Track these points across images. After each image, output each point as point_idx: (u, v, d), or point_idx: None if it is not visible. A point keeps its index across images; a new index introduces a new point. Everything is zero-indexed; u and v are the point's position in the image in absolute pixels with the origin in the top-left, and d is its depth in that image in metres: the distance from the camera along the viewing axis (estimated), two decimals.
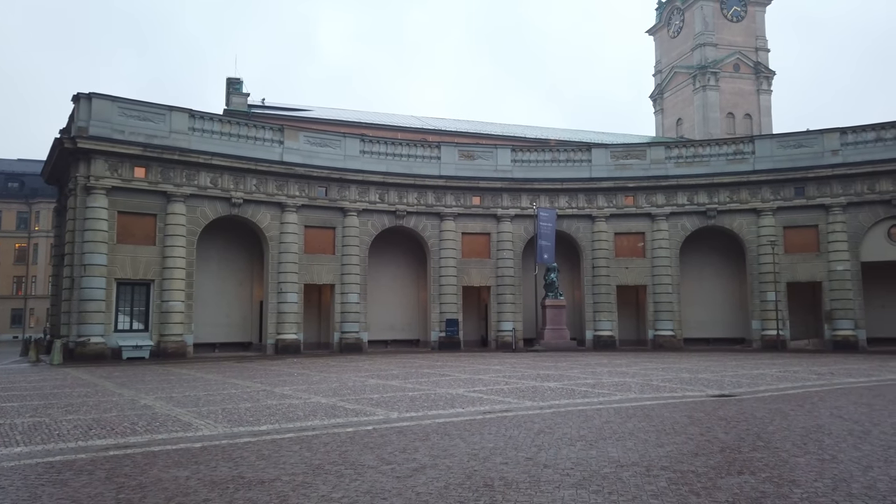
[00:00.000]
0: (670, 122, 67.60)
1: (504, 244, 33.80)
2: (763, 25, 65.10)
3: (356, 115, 48.33)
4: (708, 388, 14.85)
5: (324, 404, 12.16)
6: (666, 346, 32.62)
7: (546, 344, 32.04)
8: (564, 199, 34.40)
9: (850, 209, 31.07)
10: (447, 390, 14.35)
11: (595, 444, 8.24)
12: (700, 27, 63.37)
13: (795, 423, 9.94)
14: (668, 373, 18.75)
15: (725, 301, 34.97)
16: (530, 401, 12.55)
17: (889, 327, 31.63)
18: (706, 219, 33.44)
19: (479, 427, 9.59)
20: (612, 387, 15.04)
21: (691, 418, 10.46)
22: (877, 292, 31.47)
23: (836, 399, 12.96)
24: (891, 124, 31.42)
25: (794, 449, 8.05)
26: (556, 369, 20.15)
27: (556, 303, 32.98)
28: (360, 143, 32.73)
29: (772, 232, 32.15)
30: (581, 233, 34.48)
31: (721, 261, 35.01)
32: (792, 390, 14.45)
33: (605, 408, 11.61)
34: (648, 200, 34.05)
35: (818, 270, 31.53)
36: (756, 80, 63.51)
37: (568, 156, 35.19)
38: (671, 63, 67.66)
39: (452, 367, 21.37)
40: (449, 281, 32.93)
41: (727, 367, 20.62)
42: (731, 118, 62.32)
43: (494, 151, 34.95)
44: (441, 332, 32.59)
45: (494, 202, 34.01)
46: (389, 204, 32.48)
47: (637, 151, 35.31)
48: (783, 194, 32.26)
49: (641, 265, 34.04)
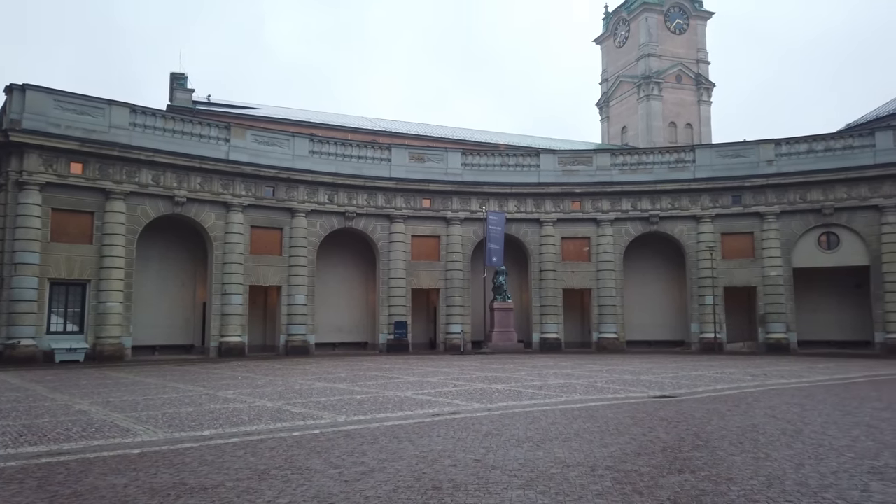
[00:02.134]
0: (616, 130, 69.27)
1: (453, 247, 33.94)
2: (704, 38, 67.50)
3: (306, 114, 47.69)
4: (650, 389, 15.26)
5: (269, 408, 11.93)
6: (609, 348, 33.37)
7: (494, 346, 32.33)
8: (513, 203, 34.80)
9: (784, 217, 32.50)
10: (395, 393, 14.30)
11: (542, 446, 8.37)
12: (645, 38, 65.23)
13: (732, 423, 10.33)
14: (612, 374, 19.19)
15: (666, 305, 36.04)
16: (478, 403, 12.63)
17: (818, 330, 33.20)
18: (649, 224, 34.40)
19: (428, 430, 9.60)
20: (558, 388, 15.29)
21: (634, 419, 10.73)
22: (807, 297, 33.00)
23: (770, 399, 13.53)
24: (821, 137, 33.05)
25: (731, 448, 8.36)
26: (504, 371, 20.35)
27: (504, 306, 33.33)
28: (310, 142, 32.32)
29: (710, 238, 33.34)
30: (529, 237, 34.95)
31: (663, 266, 36.07)
32: (728, 391, 15.00)
33: (551, 409, 11.79)
34: (594, 206, 34.79)
35: (753, 276, 32.85)
36: (697, 91, 65.80)
37: (517, 160, 35.62)
38: (617, 72, 69.36)
39: (401, 369, 21.32)
40: (398, 283, 32.84)
41: (668, 369, 21.25)
42: (673, 127, 64.36)
43: (445, 154, 35.08)
44: (389, 334, 32.45)
45: (444, 205, 34.12)
46: (339, 205, 32.17)
47: (584, 158, 36.05)
48: (721, 202, 33.50)
49: (587, 269, 34.75)
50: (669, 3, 66.34)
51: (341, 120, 48.10)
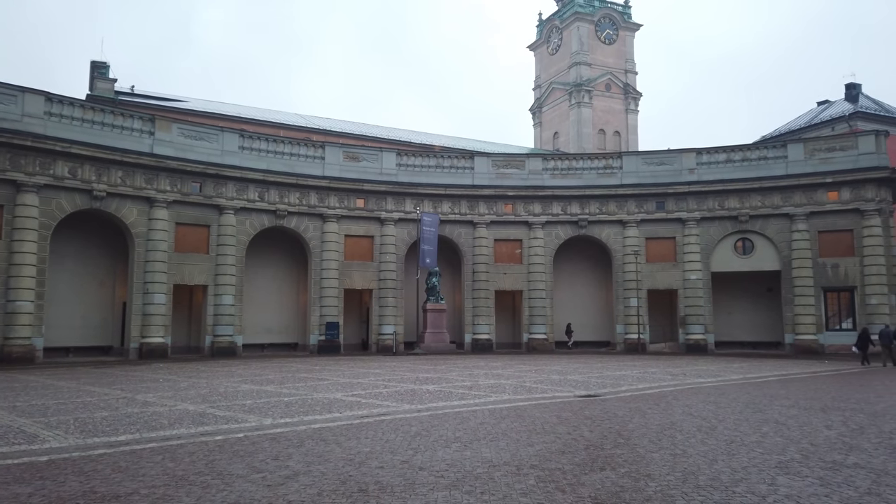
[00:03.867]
0: (548, 135, 70.77)
1: (387, 247, 33.79)
2: (632, 50, 69.94)
3: (236, 109, 46.42)
4: (576, 388, 15.65)
5: (191, 411, 11.52)
6: (539, 349, 34.03)
7: (426, 347, 32.38)
8: (447, 205, 34.98)
9: (703, 223, 34.03)
10: (325, 395, 14.10)
11: (469, 446, 8.43)
12: (576, 47, 66.97)
13: (652, 421, 10.71)
14: (541, 374, 19.58)
15: (593, 306, 37.09)
16: (408, 404, 12.61)
17: (734, 332, 34.93)
18: (578, 228, 35.30)
19: (357, 431, 9.51)
20: (487, 389, 15.46)
21: (560, 418, 10.97)
22: (724, 300, 34.67)
23: (688, 398, 14.12)
24: (738, 147, 34.83)
25: (651, 445, 8.67)
26: (435, 372, 20.41)
27: (437, 307, 33.44)
28: (240, 138, 31.45)
29: (635, 242, 34.53)
30: (463, 238, 35.21)
31: (591, 269, 37.10)
32: (650, 390, 15.57)
33: (480, 409, 11.91)
34: (526, 209, 35.41)
35: (675, 279, 34.25)
36: (625, 100, 68.10)
37: (452, 162, 35.82)
38: (550, 79, 70.90)
39: (331, 371, 21.03)
40: (330, 283, 32.40)
41: (593, 369, 21.86)
42: (602, 134, 66.35)
43: (380, 154, 34.88)
44: (321, 335, 31.97)
45: (378, 205, 33.92)
46: (270, 203, 31.44)
47: (517, 161, 36.64)
48: (646, 207, 34.76)
49: (518, 271, 35.32)
50: (600, 14, 68.39)
51: (273, 116, 47.07)
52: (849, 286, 31.49)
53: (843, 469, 7.24)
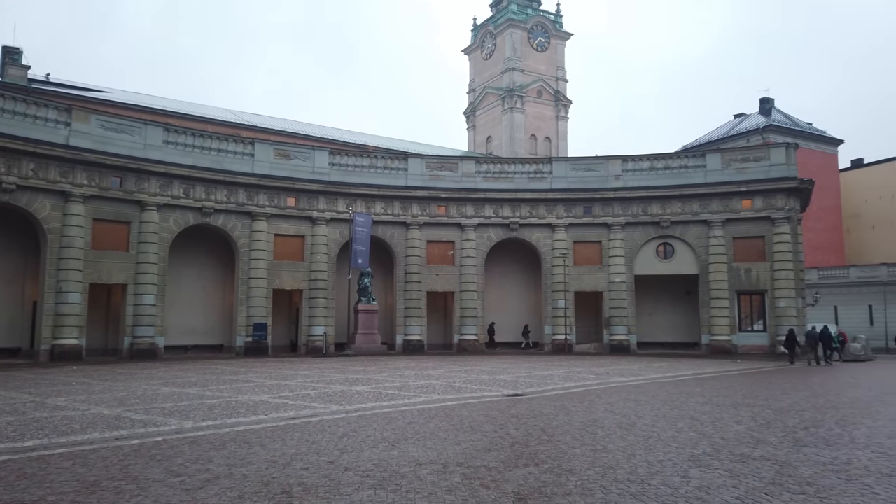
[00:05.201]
0: (481, 139, 71.60)
1: (319, 247, 33.29)
2: (563, 58, 71.73)
3: (161, 101, 44.66)
4: (504, 388, 15.91)
5: (106, 415, 11.01)
6: (470, 349, 34.36)
7: (357, 348, 32.11)
8: (380, 206, 34.82)
9: (628, 228, 35.26)
10: (250, 397, 13.76)
11: (397, 445, 8.44)
12: (510, 52, 68.10)
13: (575, 419, 11.03)
14: (470, 375, 19.78)
15: (523, 308, 37.75)
16: (337, 405, 12.49)
17: (655, 332, 36.34)
18: (509, 231, 35.88)
19: (282, 433, 9.34)
20: (417, 389, 15.49)
21: (487, 417, 11.13)
22: (646, 302, 36.03)
23: (610, 396, 14.60)
24: (661, 156, 36.30)
25: (573, 441, 8.93)
26: (366, 373, 20.28)
27: (369, 308, 33.22)
28: (164, 132, 30.29)
29: (564, 246, 35.40)
30: (395, 239, 35.13)
31: (521, 271, 37.77)
32: (575, 389, 16.01)
33: (409, 409, 11.92)
34: (459, 211, 35.69)
35: (600, 282, 35.33)
36: (556, 107, 69.76)
37: (385, 163, 35.69)
38: (484, 83, 71.78)
39: (258, 372, 20.55)
40: (259, 283, 31.63)
41: (522, 369, 22.26)
42: (533, 139, 67.71)
43: (312, 153, 34.35)
44: (248, 336, 31.16)
45: (310, 204, 33.39)
46: (195, 200, 30.40)
47: (450, 164, 36.89)
48: (574, 212, 35.70)
49: (451, 272, 35.55)
50: (533, 21, 69.81)
51: (201, 110, 45.60)
52: (760, 290, 33.34)
53: (750, 461, 7.68)
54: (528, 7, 71.26)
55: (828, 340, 29.85)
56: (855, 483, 6.67)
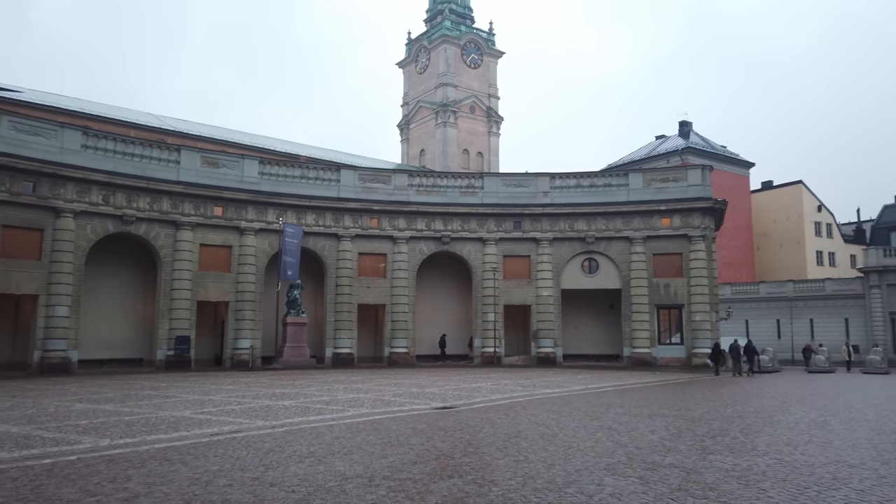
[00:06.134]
0: (415, 152, 72.03)
1: (246, 258, 32.59)
2: (495, 75, 73.30)
3: (80, 104, 42.73)
4: (433, 401, 16.09)
5: (14, 434, 10.47)
6: (400, 362, 34.38)
7: (285, 362, 31.54)
8: (312, 217, 34.47)
9: (555, 243, 36.30)
10: (171, 413, 13.37)
11: (323, 460, 8.46)
12: (443, 68, 69.02)
13: (500, 430, 11.32)
14: (400, 388, 19.85)
15: (454, 321, 38.10)
16: (263, 420, 12.32)
17: (580, 345, 37.47)
18: (441, 244, 36.25)
19: (205, 450, 9.17)
20: (346, 403, 15.45)
21: (415, 430, 11.27)
22: (572, 315, 37.12)
23: (535, 408, 15.03)
24: (587, 174, 37.64)
25: (497, 453, 9.19)
26: (293, 387, 20.01)
27: (298, 320, 32.72)
28: (83, 136, 29.03)
29: (494, 259, 36.07)
30: (327, 251, 34.83)
31: (452, 284, 38.16)
32: (501, 401, 16.36)
33: (337, 424, 11.91)
34: (391, 224, 35.79)
35: (529, 295, 36.17)
36: (488, 123, 71.11)
37: (318, 174, 35.41)
38: (417, 97, 72.36)
39: (180, 387, 19.91)
40: (182, 295, 30.63)
41: (451, 382, 22.51)
42: (466, 154, 68.71)
43: (241, 161, 33.69)
44: (169, 350, 30.07)
45: (238, 214, 32.68)
46: (115, 207, 29.21)
47: (383, 176, 36.99)
48: (504, 227, 36.47)
49: (382, 285, 35.53)
50: (466, 38, 71.07)
51: (123, 114, 43.92)
52: (678, 304, 34.98)
53: (661, 468, 8.15)
54: (462, 24, 72.52)
55: (751, 353, 32.00)
56: (752, 488, 7.21)
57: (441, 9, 72.89)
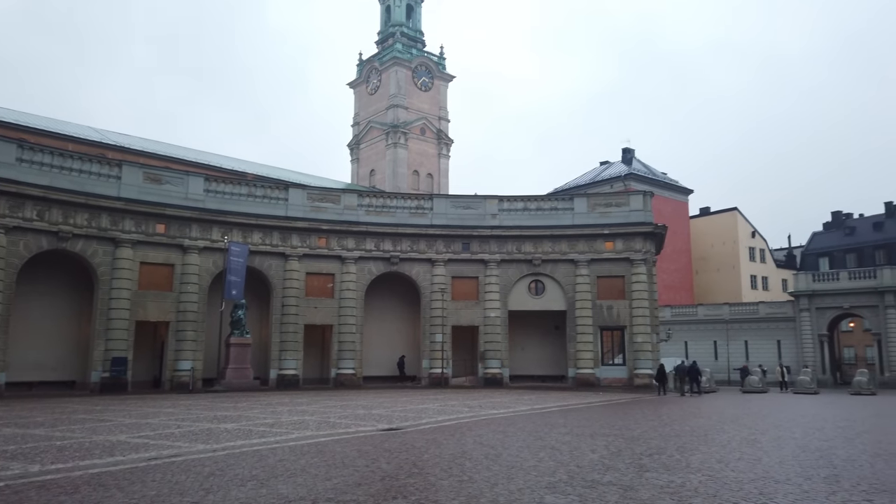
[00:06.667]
0: (365, 172, 72.02)
1: (189, 277, 31.80)
2: (446, 98, 74.29)
3: (15, 115, 41.18)
4: (379, 422, 16.03)
5: None
6: (347, 384, 34.02)
7: (227, 384, 30.77)
8: (258, 235, 33.99)
9: (503, 265, 36.82)
10: (106, 437, 12.92)
11: (266, 483, 8.37)
12: (394, 90, 69.57)
13: (446, 451, 11.41)
14: (346, 410, 19.69)
15: (402, 342, 38.03)
16: (203, 444, 12.05)
17: (527, 366, 37.92)
18: (390, 265, 36.25)
19: (142, 475, 8.93)
20: (290, 425, 15.24)
21: (360, 451, 11.24)
22: (519, 336, 37.58)
23: (481, 428, 15.17)
24: (534, 198, 38.44)
25: (442, 473, 9.28)
26: (236, 410, 19.58)
27: (242, 341, 32.04)
28: (18, 148, 27.95)
29: (442, 280, 36.29)
30: (273, 270, 34.33)
31: (400, 305, 38.12)
32: (448, 422, 16.44)
33: (280, 446, 11.76)
34: (340, 243, 35.61)
35: (476, 316, 36.48)
36: (438, 145, 71.85)
37: (265, 192, 35.01)
38: (368, 117, 72.58)
39: (115, 411, 19.22)
40: (120, 315, 29.60)
41: (398, 403, 22.45)
42: (416, 175, 69.13)
43: (186, 178, 33.02)
44: (105, 371, 28.95)
45: (182, 232, 31.93)
46: (51, 223, 28.13)
47: (333, 196, 36.85)
48: (453, 248, 36.79)
49: (329, 305, 35.21)
50: (417, 62, 71.93)
51: (61, 127, 42.55)
52: (620, 326, 35.89)
53: (599, 486, 8.39)
54: (413, 48, 73.38)
55: (694, 374, 33.33)
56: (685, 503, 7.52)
57: (392, 31, 73.63)
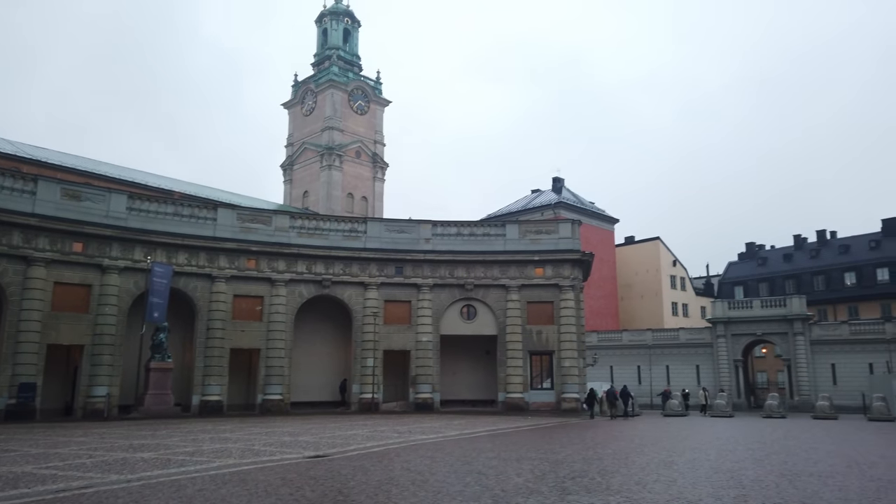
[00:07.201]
0: (298, 193, 71.14)
1: (108, 298, 30.38)
2: (382, 122, 74.68)
3: None
4: (305, 449, 15.74)
5: None
6: (274, 410, 33.13)
7: (146, 410, 29.42)
8: (184, 256, 32.91)
9: (436, 289, 37.00)
10: (9, 468, 12.15)
11: None
12: (330, 112, 69.42)
13: (372, 478, 11.34)
14: (272, 437, 19.21)
15: (332, 367, 37.45)
16: (117, 474, 11.52)
17: (458, 390, 38.01)
18: (321, 288, 35.80)
19: None
20: (211, 454, 14.75)
21: (284, 480, 11.03)
22: (450, 361, 37.69)
23: (409, 454, 15.14)
24: (467, 223, 38.99)
25: (367, 500, 9.23)
26: (154, 438, 18.78)
27: (163, 365, 30.77)
28: None
29: (375, 304, 36.10)
30: (199, 292, 33.26)
31: (331, 329, 37.59)
32: (376, 448, 16.32)
33: (200, 476, 11.39)
34: (270, 266, 34.92)
35: (409, 340, 36.40)
36: (373, 168, 71.93)
37: (192, 211, 34.03)
38: (303, 138, 71.98)
39: (21, 440, 18.07)
40: (30, 338, 27.90)
41: (326, 429, 22.08)
42: (350, 198, 68.85)
43: (108, 195, 31.71)
44: (11, 398, 27.13)
45: (101, 251, 30.56)
46: None
47: (264, 217, 36.19)
48: (386, 271, 36.73)
49: (258, 328, 34.35)
50: (353, 85, 72.16)
51: None
52: (549, 350, 36.61)
53: None
54: (350, 71, 73.57)
55: (625, 398, 34.64)
56: None
57: (329, 54, 73.64)
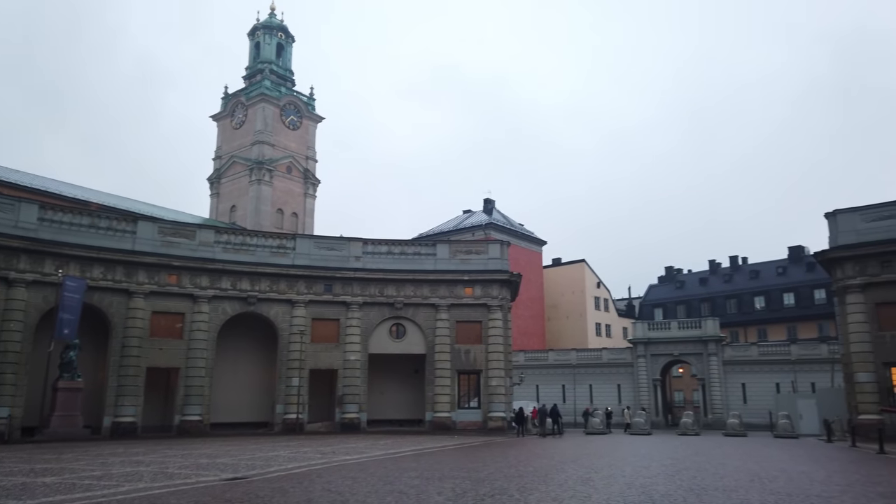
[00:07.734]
0: (225, 207, 69.35)
1: (13, 314, 28.60)
2: (314, 139, 74.07)
3: None
4: (223, 472, 15.27)
5: None
6: (192, 431, 31.90)
7: (52, 433, 27.70)
8: (99, 270, 31.44)
9: (365, 307, 36.78)
10: None
11: None
12: (261, 126, 68.31)
13: (291, 499, 11.14)
14: (188, 459, 18.52)
15: (256, 386, 36.44)
16: (15, 500, 10.84)
17: (385, 410, 37.71)
18: (247, 305, 34.93)
19: None
20: (121, 478, 14.09)
21: (198, 503, 10.68)
22: (378, 380, 37.42)
23: (331, 475, 14.94)
24: (398, 242, 39.09)
25: None
26: (59, 462, 17.74)
27: (73, 385, 29.11)
28: None
29: (302, 322, 35.51)
30: (114, 308, 31.79)
31: (255, 347, 36.65)
32: (298, 469, 16.00)
33: (107, 501, 10.87)
34: (192, 281, 33.83)
35: (336, 359, 35.95)
36: (305, 185, 71.08)
37: (110, 224, 32.63)
38: (231, 152, 70.40)
39: None
40: None
41: (246, 451, 21.45)
42: (280, 214, 67.69)
43: (17, 205, 30.01)
44: None
45: (8, 263, 28.79)
46: None
47: (187, 231, 35.10)
48: (315, 289, 36.24)
49: (177, 346, 33.10)
50: (286, 100, 71.38)
51: None
52: (477, 369, 36.97)
53: None
54: (282, 86, 72.75)
55: (555, 416, 35.47)
56: None
57: (262, 68, 72.61)
